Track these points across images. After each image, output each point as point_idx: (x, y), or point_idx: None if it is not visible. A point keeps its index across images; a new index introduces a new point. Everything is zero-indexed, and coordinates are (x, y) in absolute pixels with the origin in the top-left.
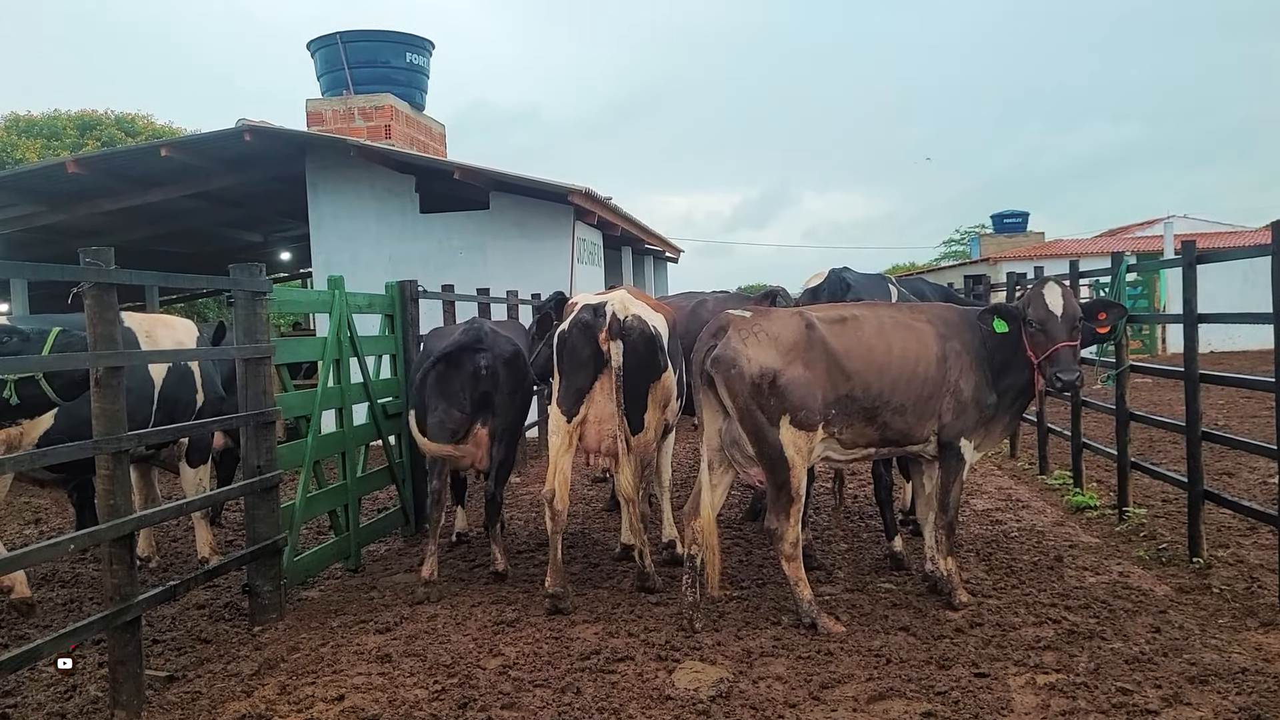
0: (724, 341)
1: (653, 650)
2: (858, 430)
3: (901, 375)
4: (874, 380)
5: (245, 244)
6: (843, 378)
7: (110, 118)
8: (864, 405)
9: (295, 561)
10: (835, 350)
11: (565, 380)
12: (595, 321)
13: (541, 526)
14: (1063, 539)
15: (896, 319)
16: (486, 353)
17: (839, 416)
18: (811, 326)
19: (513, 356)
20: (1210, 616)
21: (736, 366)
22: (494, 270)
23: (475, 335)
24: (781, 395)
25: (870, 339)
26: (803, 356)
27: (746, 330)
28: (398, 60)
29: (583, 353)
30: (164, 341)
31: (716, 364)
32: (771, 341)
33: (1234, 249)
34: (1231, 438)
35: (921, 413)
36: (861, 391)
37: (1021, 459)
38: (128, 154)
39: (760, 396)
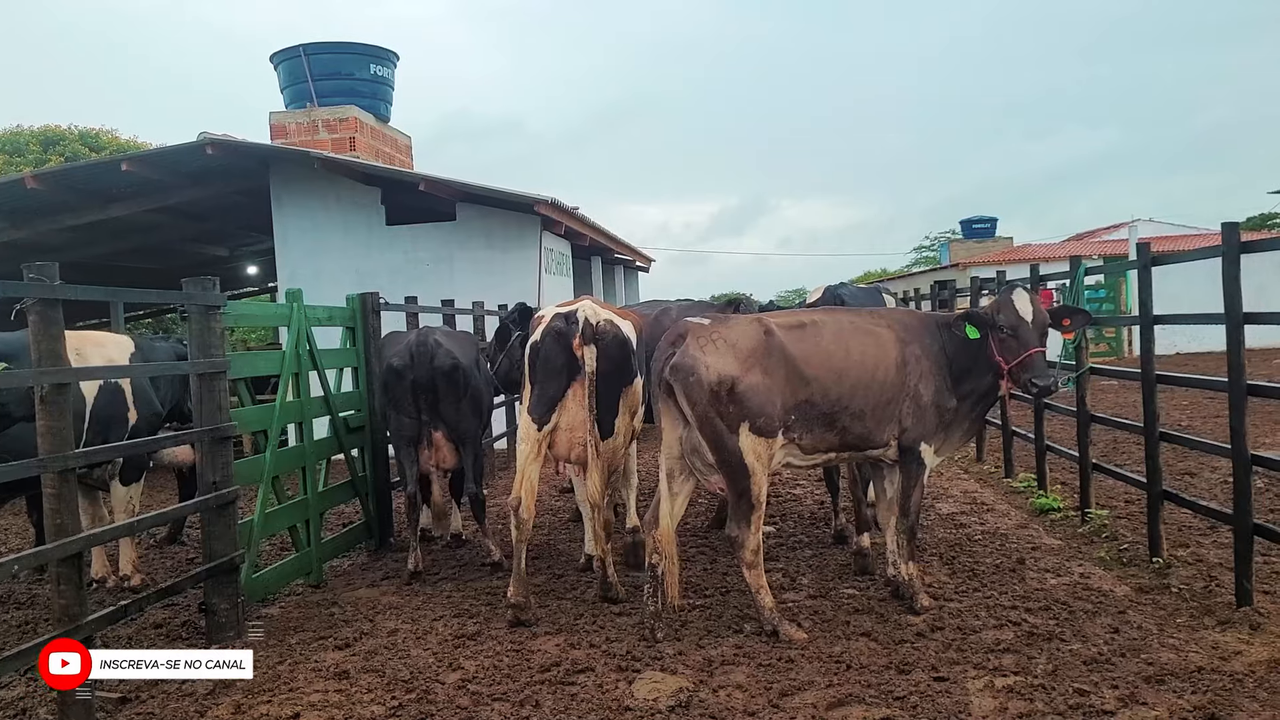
0: (682, 349)
1: (614, 661)
2: (818, 436)
3: (860, 380)
4: (833, 385)
5: (212, 258)
6: (801, 383)
7: (74, 133)
8: (823, 411)
9: (254, 578)
10: (793, 356)
11: (538, 389)
12: (569, 329)
13: (506, 538)
14: (1025, 541)
15: (856, 324)
16: (424, 365)
17: (799, 422)
18: (770, 333)
19: (451, 369)
20: (1169, 616)
21: (695, 374)
22: (461, 282)
23: (412, 350)
24: (740, 402)
25: (829, 344)
26: (761, 363)
27: (705, 338)
28: (361, 72)
29: (556, 361)
30: (93, 359)
31: (675, 372)
32: (730, 348)
33: (1188, 251)
34: (1188, 438)
35: (881, 417)
36: (820, 397)
37: (988, 462)
38: (88, 169)
39: (719, 404)
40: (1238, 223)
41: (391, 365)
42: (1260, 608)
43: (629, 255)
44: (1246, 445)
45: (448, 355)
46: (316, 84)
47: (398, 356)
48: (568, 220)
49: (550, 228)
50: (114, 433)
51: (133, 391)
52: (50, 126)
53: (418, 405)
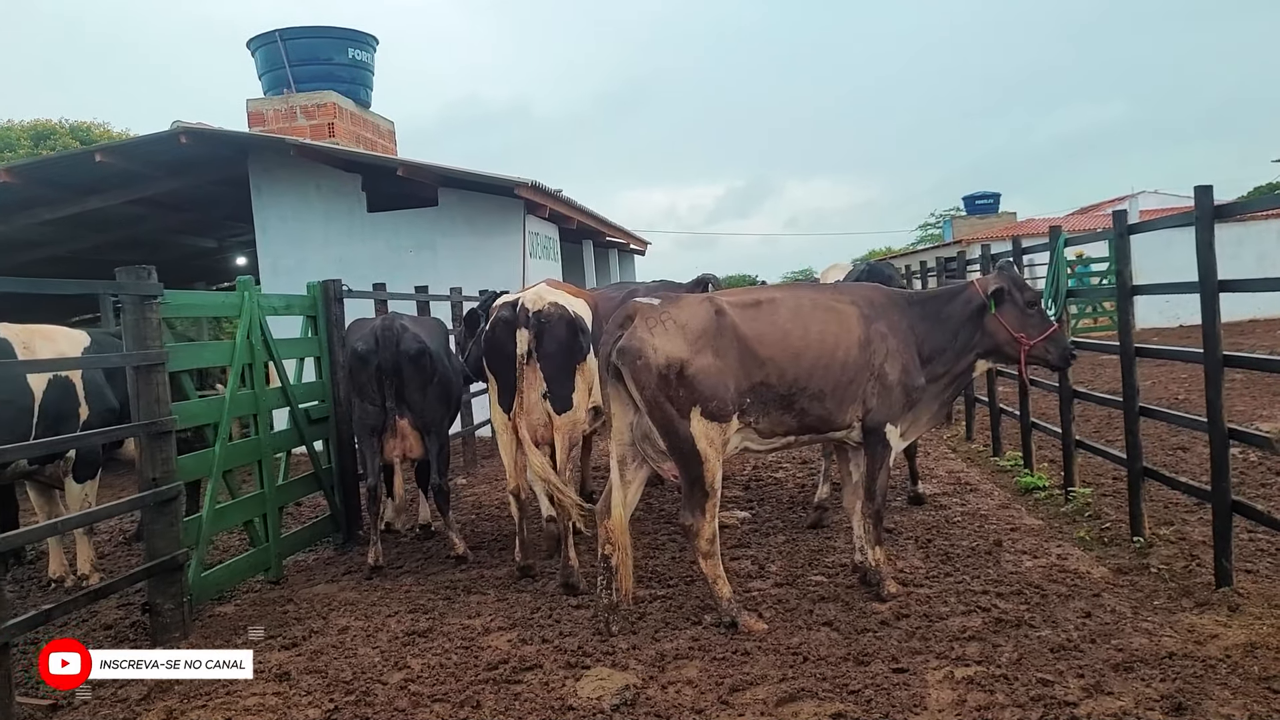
0: (630, 331)
1: (563, 657)
2: (775, 419)
3: (819, 360)
4: (789, 366)
5: (199, 250)
6: (756, 365)
7: (64, 127)
8: (780, 393)
9: (204, 576)
10: (747, 336)
11: (499, 379)
12: (514, 316)
13: (475, 529)
14: (1005, 522)
15: (816, 301)
16: (390, 350)
17: (754, 405)
18: (721, 313)
19: (418, 354)
20: (1145, 598)
21: (643, 357)
22: (445, 268)
23: (378, 334)
24: (691, 386)
25: (785, 323)
26: (712, 344)
27: (653, 319)
28: (340, 57)
29: (508, 348)
30: (42, 352)
31: (622, 355)
32: (679, 330)
33: (1163, 218)
34: (1166, 412)
35: (843, 398)
36: (776, 378)
37: (977, 441)
38: (62, 161)
39: (668, 388)
40: (1210, 187)
41: (356, 350)
42: (1240, 588)
43: (623, 239)
44: (1223, 419)
45: (414, 340)
46: (294, 69)
47: (362, 341)
48: (551, 203)
49: (535, 211)
50: (64, 428)
51: (84, 387)
52: (41, 121)
53: (383, 392)
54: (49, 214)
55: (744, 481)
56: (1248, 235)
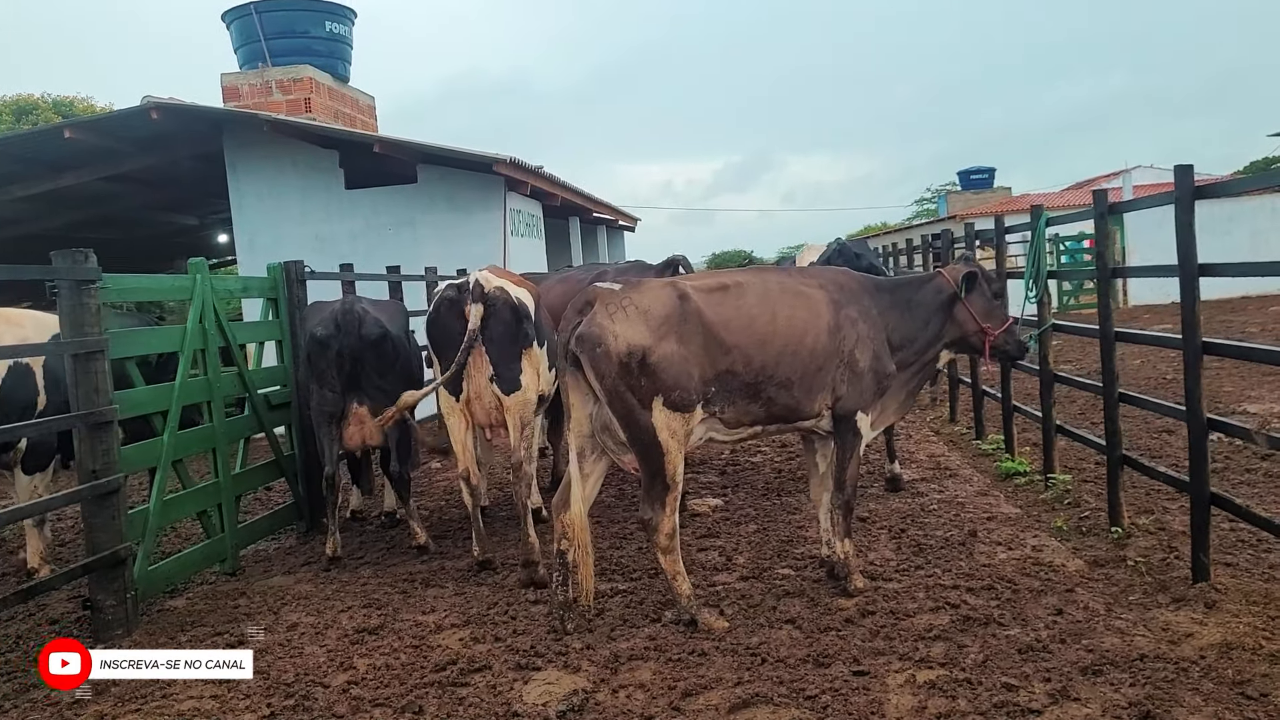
0: (589, 318)
1: (514, 658)
2: (741, 408)
3: (787, 347)
4: (756, 353)
5: (180, 227)
6: (721, 352)
7: (47, 101)
8: (746, 381)
9: (152, 570)
10: (712, 322)
11: (444, 361)
12: (460, 297)
13: (446, 516)
14: (982, 511)
15: (784, 286)
16: (350, 334)
17: (719, 394)
18: (685, 298)
19: (379, 339)
20: (1120, 594)
21: (602, 345)
22: (425, 246)
23: (337, 318)
24: (653, 375)
25: (752, 308)
26: (676, 331)
27: (614, 305)
28: (317, 29)
29: (453, 329)
30: (5, 338)
31: (581, 343)
32: (641, 316)
33: (1143, 198)
34: (1145, 399)
35: (811, 386)
36: (743, 366)
37: (960, 423)
38: (30, 137)
39: (629, 377)
40: (1190, 166)
41: (315, 335)
42: (1218, 583)
43: (610, 215)
44: (1202, 408)
45: (375, 324)
46: (269, 43)
47: (321, 325)
48: (532, 179)
49: (516, 188)
50: (19, 417)
51: (44, 375)
52: (23, 96)
53: (342, 378)
54: (21, 191)
55: (720, 466)
56: (1240, 212)
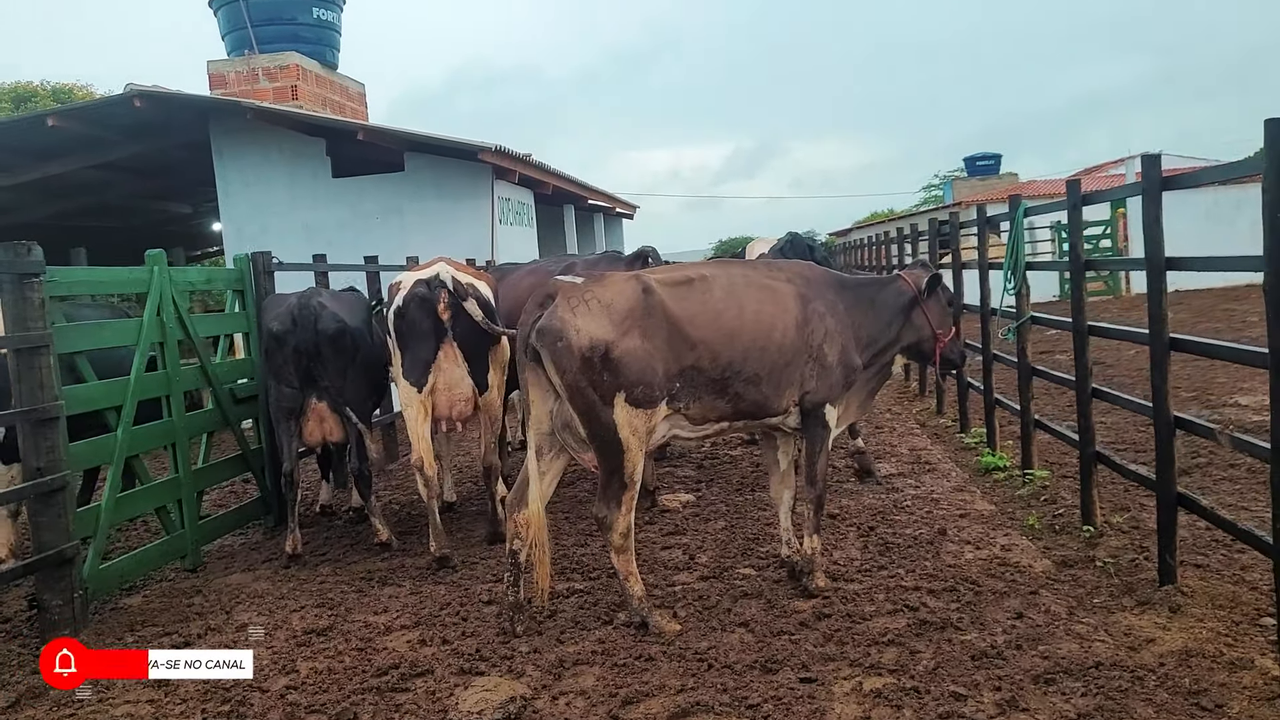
0: (550, 311)
1: (459, 661)
2: (707, 404)
3: (755, 342)
4: (723, 349)
5: (174, 216)
6: (686, 347)
7: (46, 89)
8: (712, 377)
9: (104, 568)
10: (677, 317)
11: (409, 354)
12: (432, 294)
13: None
14: (956, 507)
15: (750, 279)
16: (306, 329)
17: (684, 390)
18: (649, 291)
19: (337, 333)
20: (1085, 596)
21: (564, 339)
22: (412, 235)
23: (294, 312)
24: (615, 370)
25: (718, 303)
26: (640, 325)
27: (576, 298)
28: (304, 16)
29: (423, 325)
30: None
31: (541, 336)
32: (604, 310)
33: (1112, 189)
34: (1116, 394)
35: (779, 382)
36: (709, 362)
37: (947, 415)
38: (10, 125)
39: (591, 372)
40: (1159, 155)
41: (271, 330)
42: (1185, 585)
43: (607, 203)
44: (1169, 405)
45: (333, 318)
46: (256, 30)
47: (278, 320)
48: (520, 168)
49: (504, 176)
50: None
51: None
52: (22, 84)
53: (300, 373)
54: (7, 180)
55: (698, 460)
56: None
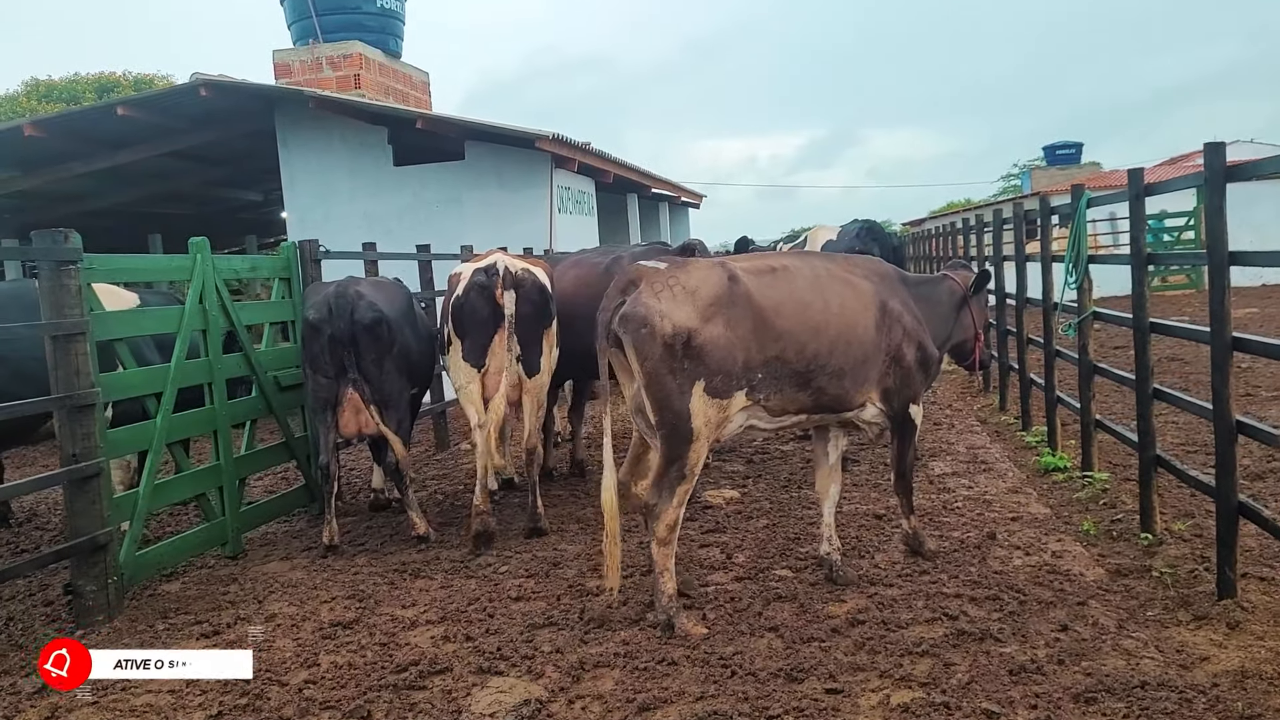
0: (634, 297)
1: (479, 660)
2: (788, 396)
3: (841, 335)
4: (809, 340)
5: (246, 203)
6: (771, 337)
7: (129, 79)
8: (796, 369)
9: (141, 554)
10: (762, 306)
11: (468, 339)
12: (490, 281)
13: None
14: (1008, 510)
15: (833, 272)
16: (343, 318)
17: (766, 381)
18: (735, 279)
19: (373, 323)
20: (1138, 608)
21: (648, 325)
22: (471, 224)
23: (330, 302)
24: (697, 358)
25: (804, 294)
26: (724, 313)
27: (660, 284)
28: (368, 5)
29: (482, 312)
30: None
31: (625, 323)
32: (688, 296)
33: (1173, 179)
34: (1176, 396)
35: (859, 377)
36: (794, 353)
37: (1010, 412)
38: (85, 114)
39: (673, 359)
40: (1222, 144)
41: (307, 319)
42: (1245, 600)
43: (672, 191)
44: (1230, 409)
45: (370, 308)
46: (321, 19)
47: (314, 310)
48: (580, 156)
49: (564, 165)
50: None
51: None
52: (106, 74)
53: (335, 364)
54: (82, 167)
55: (748, 455)
56: None
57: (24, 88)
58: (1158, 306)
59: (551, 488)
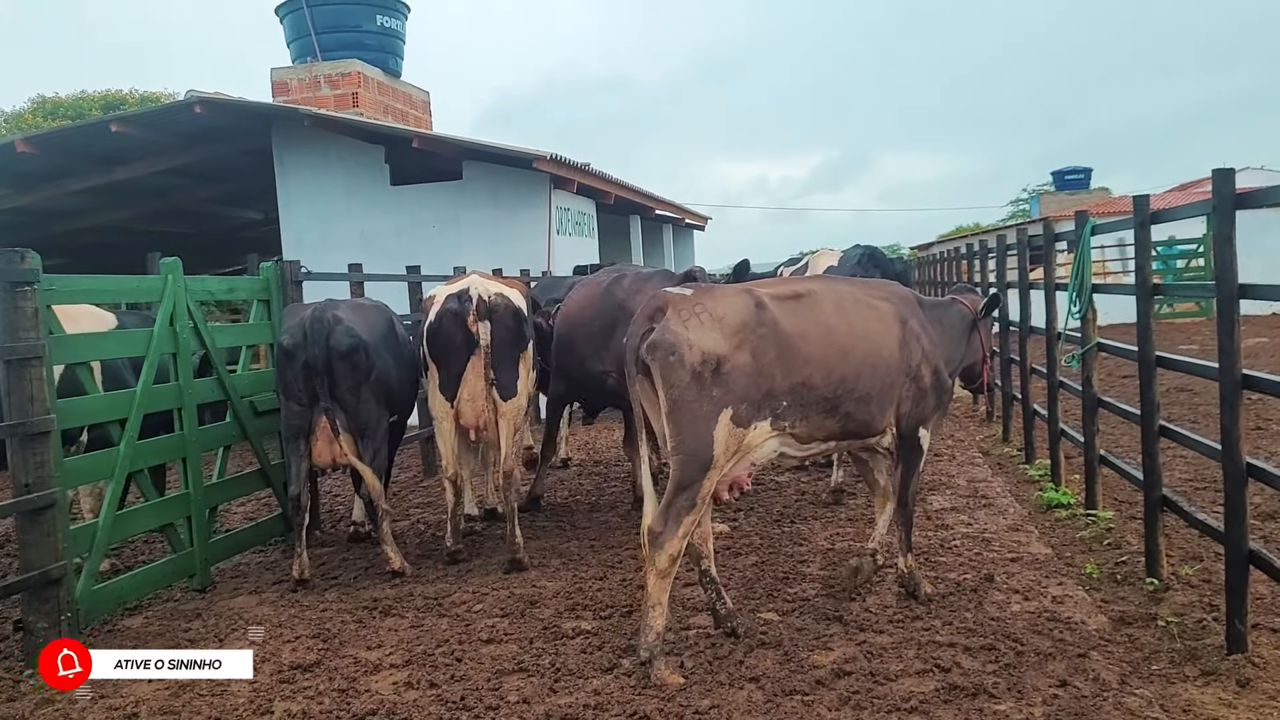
0: (662, 324)
1: (441, 709)
2: (815, 423)
3: (867, 359)
4: (836, 365)
5: (247, 222)
6: (799, 364)
7: (135, 97)
8: (824, 395)
9: (100, 589)
10: (789, 332)
11: (443, 368)
12: (463, 308)
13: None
14: (1008, 550)
15: (855, 295)
16: (317, 344)
17: (792, 409)
18: (761, 305)
19: (350, 349)
20: (1142, 661)
21: (676, 353)
22: (468, 244)
23: (305, 327)
24: (725, 385)
25: (829, 318)
26: (751, 340)
27: (687, 310)
28: (368, 24)
29: (455, 339)
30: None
31: (653, 350)
32: (716, 323)
33: (1180, 206)
34: (1183, 434)
35: (884, 401)
36: (821, 379)
37: (1013, 444)
38: (78, 131)
39: (701, 387)
40: (1232, 170)
41: (281, 345)
42: (1256, 655)
43: (675, 214)
44: (1240, 451)
45: (347, 333)
46: (320, 38)
47: (289, 334)
48: (579, 177)
49: (563, 185)
50: None
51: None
52: (112, 91)
53: (310, 391)
54: (76, 184)
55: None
56: None
57: (30, 104)
58: (1167, 334)
59: (537, 519)
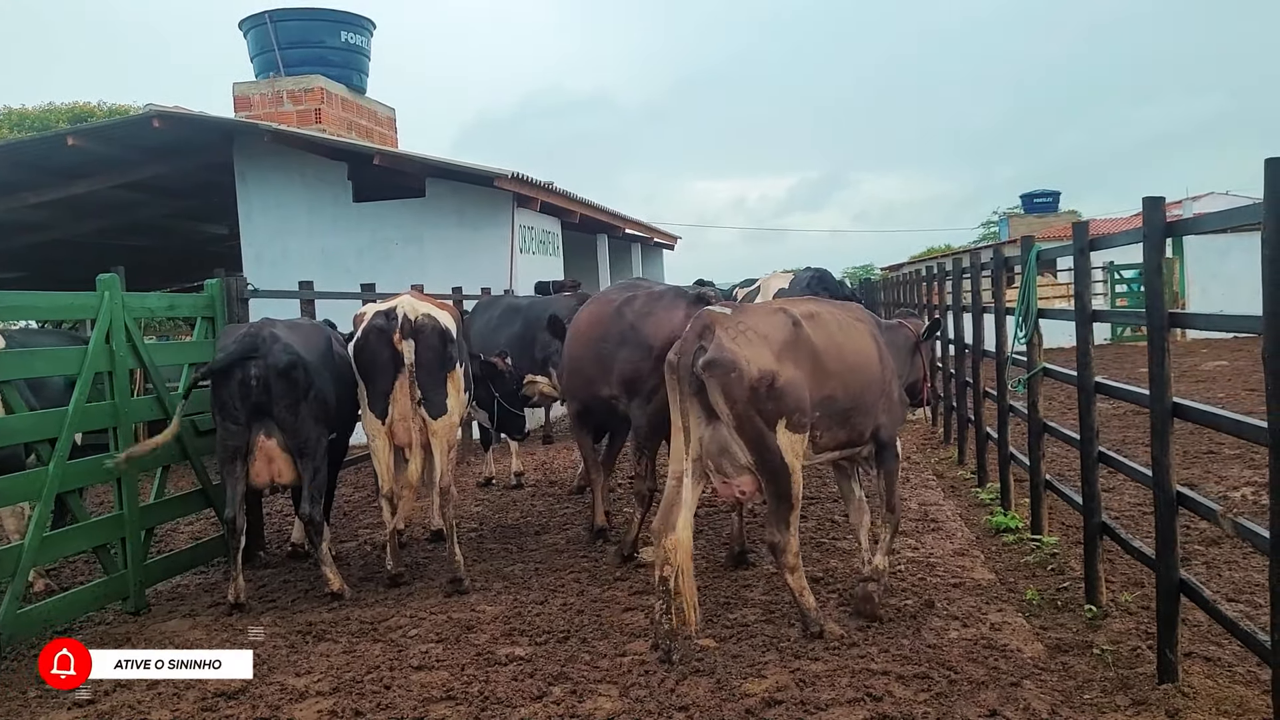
0: (715, 343)
1: None
2: (834, 433)
3: (868, 373)
4: (851, 379)
5: (211, 237)
6: (825, 378)
7: (103, 109)
8: (843, 406)
9: (25, 612)
10: (818, 349)
11: (371, 386)
12: (389, 325)
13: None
14: (951, 575)
15: (844, 316)
16: (255, 361)
17: (821, 419)
18: (798, 324)
19: (288, 367)
20: (1075, 690)
21: (736, 370)
22: (432, 262)
23: (242, 345)
24: (779, 398)
25: (839, 336)
26: (792, 355)
27: (734, 329)
28: (332, 40)
29: (381, 356)
30: None
31: (711, 367)
32: (763, 341)
33: (1115, 234)
34: (1119, 460)
35: (874, 412)
36: (841, 391)
37: (967, 466)
38: (32, 144)
39: (759, 401)
40: (1162, 198)
41: (216, 364)
42: (1187, 685)
43: (643, 233)
44: (1171, 478)
45: (285, 351)
46: (283, 53)
47: (224, 352)
48: (542, 195)
49: (527, 204)
50: None
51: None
52: (80, 104)
53: (247, 409)
54: (34, 198)
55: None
56: None
57: None
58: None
59: (484, 540)
